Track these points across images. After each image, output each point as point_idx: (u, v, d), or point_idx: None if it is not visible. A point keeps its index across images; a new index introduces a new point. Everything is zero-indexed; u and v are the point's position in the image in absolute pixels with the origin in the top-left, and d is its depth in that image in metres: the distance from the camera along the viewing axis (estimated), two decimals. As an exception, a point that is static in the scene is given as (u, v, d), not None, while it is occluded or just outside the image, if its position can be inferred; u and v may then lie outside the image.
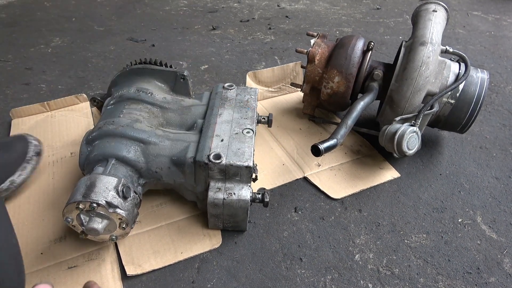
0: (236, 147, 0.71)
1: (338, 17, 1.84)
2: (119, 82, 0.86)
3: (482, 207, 0.86)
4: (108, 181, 0.64)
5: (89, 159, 0.71)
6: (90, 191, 0.62)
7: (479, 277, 0.72)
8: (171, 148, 0.72)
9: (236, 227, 0.76)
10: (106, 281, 0.68)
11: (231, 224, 0.75)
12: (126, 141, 0.71)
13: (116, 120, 0.74)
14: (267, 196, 0.72)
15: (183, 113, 0.82)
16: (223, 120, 0.77)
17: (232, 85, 0.87)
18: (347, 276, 0.71)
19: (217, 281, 0.69)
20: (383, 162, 0.95)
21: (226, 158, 0.68)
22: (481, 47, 1.59)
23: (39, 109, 1.05)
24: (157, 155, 0.71)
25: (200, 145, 0.71)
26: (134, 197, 0.67)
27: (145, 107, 0.80)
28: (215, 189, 0.70)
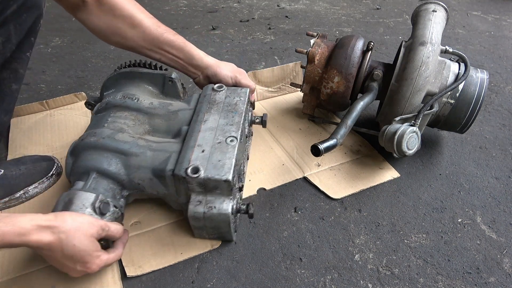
0: (217, 158, 0.67)
1: (338, 17, 1.84)
2: (109, 86, 0.84)
3: (482, 207, 0.86)
4: (85, 197, 0.64)
5: (73, 170, 0.71)
6: (67, 208, 0.63)
7: (479, 277, 0.72)
8: (153, 159, 0.69)
9: (222, 237, 0.74)
10: (106, 281, 0.68)
11: (216, 235, 0.73)
12: (107, 154, 0.69)
13: (99, 131, 0.72)
14: (252, 208, 0.69)
15: (170, 119, 0.78)
16: (208, 127, 0.72)
17: (222, 86, 0.81)
18: (347, 276, 0.71)
19: (217, 281, 0.69)
20: (383, 162, 0.95)
21: (204, 172, 0.64)
22: (481, 47, 1.59)
23: (38, 107, 1.05)
24: (139, 167, 0.69)
25: (181, 156, 0.68)
26: (114, 212, 0.66)
27: (131, 114, 0.77)
28: (195, 202, 0.67)
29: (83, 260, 0.59)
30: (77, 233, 0.57)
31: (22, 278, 0.68)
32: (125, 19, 0.75)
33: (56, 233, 0.55)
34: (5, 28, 0.66)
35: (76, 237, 0.57)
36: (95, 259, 0.60)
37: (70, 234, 0.56)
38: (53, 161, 0.86)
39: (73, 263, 0.59)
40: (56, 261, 0.59)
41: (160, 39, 0.77)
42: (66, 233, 0.56)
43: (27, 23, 0.69)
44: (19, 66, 0.74)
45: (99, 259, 0.60)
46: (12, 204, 0.79)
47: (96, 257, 0.60)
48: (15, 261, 0.70)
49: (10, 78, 0.73)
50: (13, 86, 0.75)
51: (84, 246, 0.58)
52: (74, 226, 0.57)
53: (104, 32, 0.77)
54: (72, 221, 0.57)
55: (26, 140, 0.96)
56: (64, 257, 0.57)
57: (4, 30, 0.66)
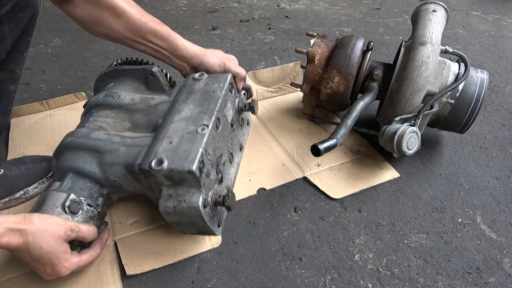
0: (184, 148, 0.62)
1: (338, 17, 1.84)
2: (99, 87, 0.84)
3: (482, 207, 0.86)
4: (56, 197, 0.63)
5: (55, 172, 0.71)
6: (39, 209, 0.63)
7: (479, 277, 0.72)
8: (126, 155, 0.67)
9: (203, 232, 0.69)
10: (106, 280, 0.68)
11: (196, 230, 0.68)
12: (82, 153, 0.69)
13: (76, 131, 0.72)
14: (228, 200, 0.64)
15: (150, 113, 0.75)
16: (181, 118, 0.68)
17: (203, 74, 0.76)
18: (347, 276, 0.71)
19: (217, 281, 0.69)
20: (383, 162, 0.95)
21: (167, 163, 0.60)
22: (481, 47, 1.59)
23: (38, 108, 1.05)
24: (113, 164, 0.67)
25: (150, 149, 0.65)
26: (88, 210, 0.65)
27: (112, 112, 0.76)
28: (166, 196, 0.63)
29: (51, 263, 0.57)
30: (44, 235, 0.56)
31: (20, 279, 0.68)
32: (108, 9, 0.74)
33: (24, 235, 0.54)
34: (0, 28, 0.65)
35: (42, 239, 0.55)
36: (63, 262, 0.58)
37: (36, 236, 0.55)
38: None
39: (41, 265, 0.57)
40: (28, 263, 0.58)
41: (144, 28, 0.75)
42: (33, 235, 0.55)
43: (23, 23, 0.69)
44: (16, 67, 0.73)
45: (68, 262, 0.59)
46: (12, 204, 0.79)
47: (65, 260, 0.59)
48: (14, 261, 0.70)
49: (6, 79, 0.73)
50: (10, 87, 0.74)
51: (50, 248, 0.56)
52: (41, 227, 0.56)
53: (89, 23, 0.76)
54: (39, 222, 0.56)
55: (26, 140, 0.96)
56: (32, 259, 0.57)
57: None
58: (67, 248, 0.59)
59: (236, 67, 0.80)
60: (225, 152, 0.72)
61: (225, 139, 0.72)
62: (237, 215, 0.81)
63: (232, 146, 0.77)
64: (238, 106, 0.78)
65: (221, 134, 0.69)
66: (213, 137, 0.66)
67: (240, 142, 0.82)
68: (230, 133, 0.75)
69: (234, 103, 0.76)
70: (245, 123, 0.85)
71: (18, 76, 0.75)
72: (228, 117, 0.73)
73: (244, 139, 0.85)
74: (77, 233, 0.60)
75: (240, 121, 0.81)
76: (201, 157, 0.61)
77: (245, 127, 0.85)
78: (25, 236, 0.54)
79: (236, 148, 0.79)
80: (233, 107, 0.75)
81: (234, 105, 0.76)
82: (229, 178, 0.75)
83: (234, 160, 0.77)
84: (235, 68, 0.80)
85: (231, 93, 0.75)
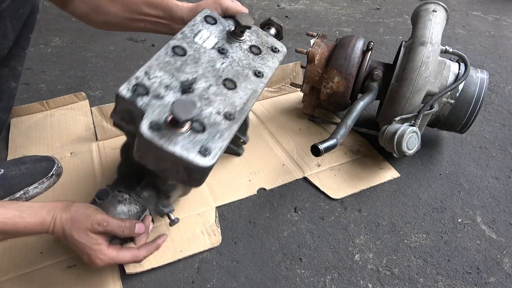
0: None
1: (338, 17, 1.84)
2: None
3: (482, 207, 0.86)
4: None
5: None
6: None
7: (479, 277, 0.72)
8: None
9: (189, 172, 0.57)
10: (106, 280, 0.68)
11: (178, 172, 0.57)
12: None
13: None
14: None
15: None
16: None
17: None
18: (347, 276, 0.71)
19: (217, 281, 0.69)
20: (383, 162, 0.95)
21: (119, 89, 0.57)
22: (481, 47, 1.59)
23: (38, 108, 1.05)
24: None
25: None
26: (117, 195, 0.65)
27: None
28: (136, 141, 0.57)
29: (85, 252, 0.58)
30: (74, 225, 0.57)
31: (20, 279, 0.68)
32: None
33: (64, 222, 0.57)
34: (2, 23, 0.65)
35: (73, 228, 0.57)
36: (97, 254, 0.58)
37: (70, 225, 0.57)
38: (53, 161, 0.86)
39: (80, 253, 0.59)
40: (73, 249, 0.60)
41: (137, 1, 0.75)
42: (68, 223, 0.57)
43: (23, 18, 0.69)
44: (17, 64, 0.73)
45: (102, 254, 0.59)
46: None
47: (98, 252, 0.58)
48: (14, 260, 0.70)
49: (8, 76, 0.73)
50: (12, 84, 0.74)
51: (80, 238, 0.57)
52: (74, 217, 0.58)
53: (90, 14, 0.77)
54: (74, 211, 0.58)
55: (26, 140, 0.96)
56: (72, 245, 0.59)
57: (1, 26, 0.65)
58: (99, 240, 0.59)
59: (228, 2, 0.75)
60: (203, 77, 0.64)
61: (201, 65, 0.65)
62: (237, 214, 0.81)
63: (227, 71, 0.68)
64: (228, 31, 0.72)
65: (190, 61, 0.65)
66: (167, 62, 0.62)
67: (254, 68, 0.71)
68: (218, 59, 0.68)
69: (221, 31, 0.72)
70: (266, 50, 0.76)
71: (19, 73, 0.75)
72: (206, 43, 0.68)
73: (261, 66, 0.73)
74: (104, 227, 0.59)
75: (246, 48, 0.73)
76: (137, 80, 0.57)
77: (266, 53, 0.75)
78: (63, 223, 0.57)
79: (240, 73, 0.69)
80: (219, 34, 0.71)
81: (222, 32, 0.71)
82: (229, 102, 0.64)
83: (238, 85, 0.67)
84: (226, 3, 0.75)
85: (210, 24, 0.71)
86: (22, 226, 0.55)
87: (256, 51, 0.74)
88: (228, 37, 0.72)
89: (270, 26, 0.83)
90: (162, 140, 0.53)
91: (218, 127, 0.59)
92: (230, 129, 0.60)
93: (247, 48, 0.73)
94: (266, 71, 0.72)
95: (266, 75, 0.71)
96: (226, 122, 0.60)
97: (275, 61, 0.75)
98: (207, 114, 0.60)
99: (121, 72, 1.29)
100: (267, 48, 0.76)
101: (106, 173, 0.88)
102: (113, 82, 1.24)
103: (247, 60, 0.72)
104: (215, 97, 0.63)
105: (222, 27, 0.72)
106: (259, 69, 0.72)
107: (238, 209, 0.83)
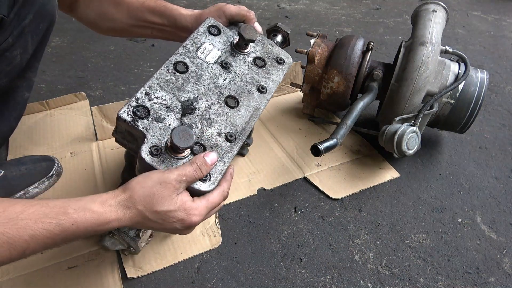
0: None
1: (338, 17, 1.84)
2: None
3: (482, 207, 0.86)
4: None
5: None
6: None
7: (479, 277, 0.72)
8: None
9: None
10: (106, 281, 0.68)
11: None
12: None
13: None
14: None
15: None
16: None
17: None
18: (347, 276, 0.71)
19: (217, 281, 0.69)
20: (383, 162, 0.95)
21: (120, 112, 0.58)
22: (480, 47, 1.59)
23: (38, 108, 1.05)
24: None
25: None
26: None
27: None
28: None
29: (178, 219, 0.52)
30: (153, 199, 0.50)
31: (20, 279, 0.68)
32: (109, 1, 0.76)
33: (132, 208, 0.50)
34: (24, 39, 0.66)
35: (154, 204, 0.51)
36: (191, 211, 0.53)
37: (146, 203, 0.50)
38: (53, 161, 0.86)
39: (171, 226, 0.53)
40: (158, 229, 0.54)
41: (142, 8, 0.75)
42: (142, 203, 0.50)
43: (42, 33, 0.69)
44: (32, 75, 0.74)
45: (195, 209, 0.53)
46: None
47: (190, 209, 0.53)
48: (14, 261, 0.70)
49: (23, 87, 0.73)
50: (26, 95, 0.75)
51: (167, 207, 0.51)
52: (146, 193, 0.51)
53: (96, 20, 0.78)
54: (141, 189, 0.51)
55: (26, 140, 0.96)
56: (158, 224, 0.52)
57: (23, 41, 0.66)
58: (184, 197, 0.53)
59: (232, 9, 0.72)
60: (205, 96, 0.63)
61: (203, 82, 0.64)
62: (237, 214, 0.81)
63: (229, 88, 0.66)
64: (232, 43, 0.70)
65: (192, 78, 0.64)
66: (168, 80, 0.61)
67: (258, 83, 0.69)
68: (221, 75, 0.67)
69: (225, 42, 0.69)
70: (271, 62, 0.73)
71: (33, 83, 0.76)
72: (208, 58, 0.67)
73: (265, 80, 0.71)
74: (186, 181, 0.52)
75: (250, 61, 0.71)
76: (137, 102, 0.56)
77: (271, 66, 0.73)
78: (133, 208, 0.50)
79: (243, 89, 0.68)
80: (223, 46, 0.69)
81: (225, 44, 0.69)
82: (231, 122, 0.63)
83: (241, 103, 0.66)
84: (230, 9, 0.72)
85: (213, 35, 0.69)
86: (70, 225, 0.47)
87: (260, 64, 0.72)
88: (232, 50, 0.70)
89: (277, 33, 0.81)
90: (162, 165, 0.54)
91: (218, 149, 0.59)
92: (231, 151, 0.60)
93: (251, 60, 0.71)
94: (270, 86, 0.70)
95: (269, 90, 0.70)
96: (227, 144, 0.60)
97: (279, 74, 0.73)
98: (208, 135, 0.60)
99: (121, 72, 1.29)
100: (272, 60, 0.74)
101: (106, 173, 0.88)
102: (113, 82, 1.24)
103: (250, 74, 0.70)
104: (217, 117, 0.62)
105: (226, 38, 0.70)
106: (263, 84, 0.70)
107: (238, 209, 0.83)
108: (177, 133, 0.52)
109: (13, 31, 0.62)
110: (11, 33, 0.62)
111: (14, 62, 0.65)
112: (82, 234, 0.49)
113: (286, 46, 0.82)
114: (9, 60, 0.64)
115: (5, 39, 0.61)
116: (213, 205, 0.56)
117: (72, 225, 0.47)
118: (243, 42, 0.69)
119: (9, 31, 0.61)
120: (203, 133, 0.60)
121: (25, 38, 0.66)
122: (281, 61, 0.74)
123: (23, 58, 0.68)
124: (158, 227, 0.53)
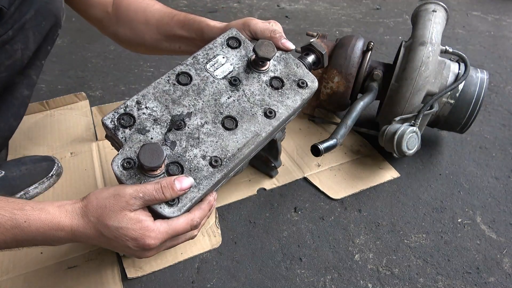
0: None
1: (338, 17, 1.84)
2: None
3: (482, 207, 0.86)
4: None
5: None
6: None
7: (479, 277, 0.72)
8: None
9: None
10: (106, 281, 0.68)
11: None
12: None
13: None
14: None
15: None
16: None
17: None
18: (347, 276, 0.71)
19: (217, 281, 0.69)
20: (383, 162, 0.95)
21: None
22: (480, 47, 1.59)
23: (38, 108, 1.05)
24: None
25: None
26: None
27: None
28: None
29: (131, 238, 0.48)
30: (105, 212, 0.48)
31: (20, 279, 0.68)
32: (138, 14, 0.76)
33: (86, 218, 0.48)
34: (25, 34, 0.66)
35: (105, 217, 0.48)
36: (145, 232, 0.48)
37: (98, 216, 0.48)
38: (53, 161, 0.86)
39: (123, 245, 0.49)
40: (111, 248, 0.51)
41: (171, 23, 0.74)
42: (95, 216, 0.48)
43: (45, 31, 0.70)
44: (33, 73, 0.75)
45: (152, 231, 0.49)
46: None
47: (146, 230, 0.48)
48: (14, 260, 0.70)
49: (23, 84, 0.74)
50: (25, 92, 0.75)
51: (117, 223, 0.47)
52: (100, 204, 0.48)
53: (127, 36, 0.79)
54: (95, 200, 0.49)
55: (26, 140, 0.96)
56: (110, 241, 0.49)
57: (24, 37, 0.66)
58: (141, 216, 0.49)
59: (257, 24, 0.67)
60: (200, 113, 0.59)
61: (203, 97, 0.60)
62: (237, 214, 0.81)
63: (231, 107, 0.60)
64: (249, 59, 0.64)
65: (192, 91, 0.59)
66: (165, 91, 0.58)
67: (267, 106, 0.62)
68: (225, 92, 0.61)
69: (242, 57, 0.64)
70: (290, 84, 0.65)
71: (34, 82, 0.77)
72: (216, 73, 0.62)
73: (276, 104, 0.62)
74: (142, 198, 0.48)
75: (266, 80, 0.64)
76: (125, 109, 0.54)
77: (289, 89, 0.64)
78: (87, 218, 0.48)
79: (247, 111, 0.61)
80: (238, 61, 0.63)
81: (242, 58, 0.64)
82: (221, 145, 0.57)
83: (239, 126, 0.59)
84: (256, 25, 0.67)
85: (231, 47, 0.64)
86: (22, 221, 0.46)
87: (276, 85, 0.64)
88: (248, 66, 0.63)
89: (310, 52, 0.72)
90: (130, 181, 0.50)
91: (198, 173, 0.53)
92: (212, 178, 0.54)
93: (267, 80, 0.64)
94: (280, 111, 0.62)
95: (279, 116, 0.61)
96: (209, 170, 0.54)
97: (296, 99, 0.63)
98: (191, 156, 0.55)
99: (121, 72, 1.29)
100: (293, 82, 0.65)
101: (106, 173, 0.88)
102: (113, 82, 1.24)
103: (261, 95, 0.62)
104: (207, 137, 0.57)
105: (244, 52, 0.64)
106: (272, 108, 0.62)
107: (238, 209, 0.83)
108: (146, 150, 0.48)
109: (14, 25, 0.63)
110: (12, 26, 0.63)
111: (15, 57, 0.66)
112: (32, 235, 0.47)
113: (321, 67, 0.74)
114: (9, 54, 0.65)
115: (6, 32, 0.63)
116: (176, 232, 0.51)
117: (25, 222, 0.47)
118: (259, 60, 0.63)
119: (10, 24, 0.63)
120: (185, 153, 0.54)
121: (26, 33, 0.66)
122: (303, 84, 0.65)
123: (24, 54, 0.68)
124: (113, 245, 0.50)
